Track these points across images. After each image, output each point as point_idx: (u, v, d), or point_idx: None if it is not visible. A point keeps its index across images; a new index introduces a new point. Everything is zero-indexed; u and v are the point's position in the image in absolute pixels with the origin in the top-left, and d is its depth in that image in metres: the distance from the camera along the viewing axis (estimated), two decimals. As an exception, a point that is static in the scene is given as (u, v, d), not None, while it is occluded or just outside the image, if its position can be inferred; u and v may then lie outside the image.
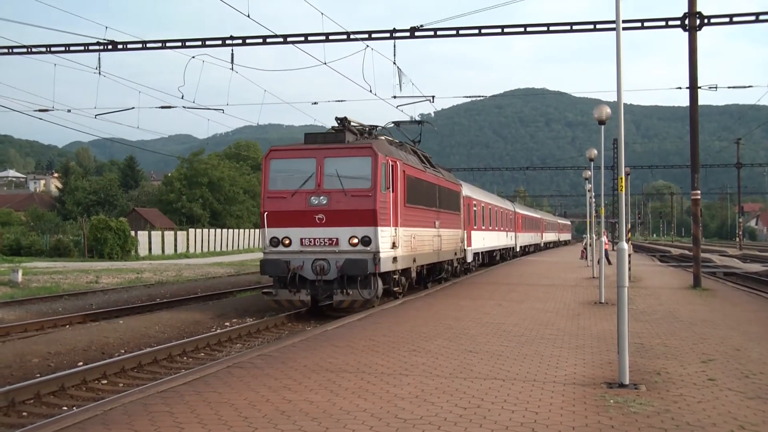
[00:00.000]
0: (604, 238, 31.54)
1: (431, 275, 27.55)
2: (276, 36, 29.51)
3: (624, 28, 10.65)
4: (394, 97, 31.16)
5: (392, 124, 27.86)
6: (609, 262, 30.74)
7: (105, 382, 13.05)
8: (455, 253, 30.70)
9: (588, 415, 8.16)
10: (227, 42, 29.57)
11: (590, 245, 37.29)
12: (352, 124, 21.71)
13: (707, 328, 15.71)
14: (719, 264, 48.21)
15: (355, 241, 18.98)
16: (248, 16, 25.58)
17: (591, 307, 19.90)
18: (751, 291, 28.32)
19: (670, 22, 26.56)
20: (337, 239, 19.15)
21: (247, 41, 29.67)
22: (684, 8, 26.22)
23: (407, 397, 8.94)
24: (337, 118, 21.51)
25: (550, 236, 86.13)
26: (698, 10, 25.86)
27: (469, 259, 34.60)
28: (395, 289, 21.22)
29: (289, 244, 19.47)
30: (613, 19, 10.38)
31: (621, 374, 9.77)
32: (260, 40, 29.73)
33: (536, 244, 71.69)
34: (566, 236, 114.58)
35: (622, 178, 11.45)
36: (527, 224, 63.41)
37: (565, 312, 18.52)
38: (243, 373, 10.70)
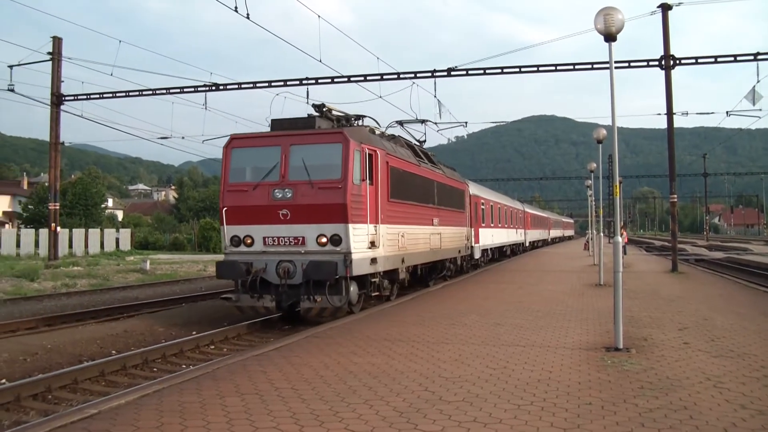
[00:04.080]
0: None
1: (433, 273, 21.99)
2: (342, 76, 29.68)
3: (616, 68, 10.50)
4: (435, 123, 31.17)
5: (396, 124, 22.51)
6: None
7: (212, 347, 13.18)
8: (459, 251, 24.88)
9: (590, 373, 8.06)
10: (304, 82, 29.77)
11: (592, 239, 36.87)
12: (333, 112, 16.15)
13: (682, 303, 15.53)
14: (691, 252, 47.95)
15: (324, 240, 13.67)
16: (320, 61, 25.76)
17: (593, 288, 19.64)
18: (716, 273, 28.52)
19: (651, 63, 26.57)
20: (303, 238, 13.82)
21: (319, 81, 29.84)
22: (661, 51, 26.07)
23: (448, 361, 8.88)
24: (314, 105, 16.05)
25: (556, 233, 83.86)
26: (672, 53, 25.81)
27: (477, 255, 29.05)
28: (375, 294, 15.59)
29: (252, 244, 14.23)
30: (608, 60, 10.24)
31: (616, 340, 9.65)
32: (329, 80, 29.91)
33: (544, 240, 68.15)
34: (570, 232, 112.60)
35: (616, 186, 11.29)
36: (536, 222, 60.07)
37: (572, 292, 18.30)
38: (319, 341, 10.71)
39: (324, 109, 15.83)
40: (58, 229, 36.27)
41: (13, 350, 12.13)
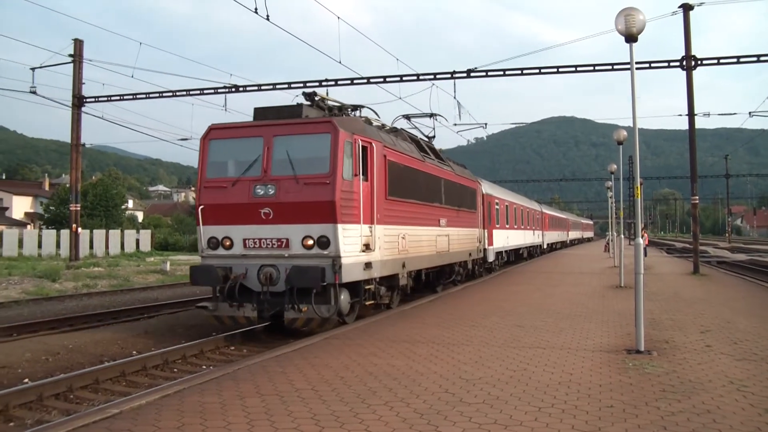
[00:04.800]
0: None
1: (440, 278, 20.27)
2: (362, 78, 29.73)
3: (636, 69, 10.45)
4: (455, 124, 31.30)
5: (402, 118, 20.68)
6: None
7: (233, 348, 13.19)
8: (470, 254, 23.21)
9: (612, 375, 8.02)
10: (323, 83, 29.80)
11: (612, 240, 36.67)
12: (326, 101, 14.69)
13: (704, 306, 15.41)
14: (713, 255, 47.67)
15: (310, 242, 12.18)
16: (340, 62, 25.85)
17: (613, 290, 19.54)
18: (738, 275, 28.24)
19: (672, 63, 26.39)
20: (287, 240, 12.33)
21: (339, 82, 29.87)
22: (682, 51, 25.90)
23: (469, 362, 8.87)
24: (304, 93, 14.60)
25: (575, 234, 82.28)
26: (693, 53, 25.64)
27: (491, 258, 27.28)
28: (369, 303, 13.96)
29: (231, 246, 12.79)
30: (628, 61, 10.19)
31: (637, 343, 9.60)
32: (349, 81, 29.95)
33: (563, 241, 66.03)
34: (589, 234, 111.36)
35: (637, 187, 11.23)
36: (554, 223, 58.20)
37: (592, 294, 18.22)
38: (338, 342, 10.73)
39: (316, 98, 14.43)
40: (79, 230, 36.58)
41: (36, 350, 12.27)
